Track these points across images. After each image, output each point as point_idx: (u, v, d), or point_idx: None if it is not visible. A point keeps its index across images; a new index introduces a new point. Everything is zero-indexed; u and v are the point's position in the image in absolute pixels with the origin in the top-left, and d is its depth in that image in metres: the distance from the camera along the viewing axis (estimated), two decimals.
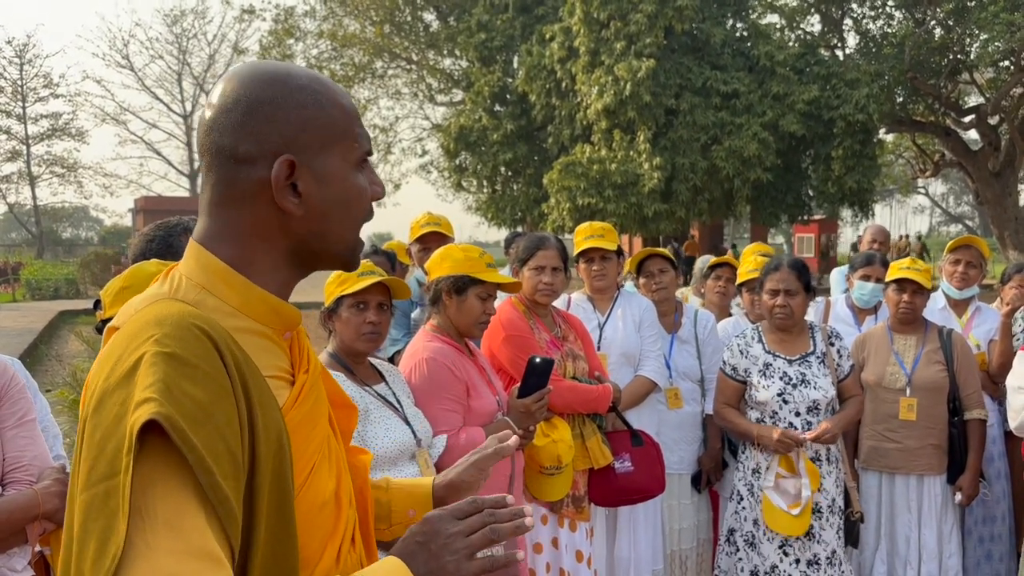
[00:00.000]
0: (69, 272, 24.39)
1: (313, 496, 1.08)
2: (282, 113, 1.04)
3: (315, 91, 1.07)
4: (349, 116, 1.10)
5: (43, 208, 44.98)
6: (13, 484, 1.89)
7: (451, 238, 4.08)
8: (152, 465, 0.86)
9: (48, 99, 41.23)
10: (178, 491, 0.86)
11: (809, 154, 19.95)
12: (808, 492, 3.26)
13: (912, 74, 19.17)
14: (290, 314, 1.12)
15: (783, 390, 3.37)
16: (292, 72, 1.08)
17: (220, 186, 1.06)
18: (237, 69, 1.08)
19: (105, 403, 0.90)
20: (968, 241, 4.24)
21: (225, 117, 1.04)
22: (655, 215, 18.47)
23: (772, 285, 3.43)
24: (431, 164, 28.88)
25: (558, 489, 3.06)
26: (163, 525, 0.84)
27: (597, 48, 18.76)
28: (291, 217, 1.06)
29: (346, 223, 1.10)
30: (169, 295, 1.04)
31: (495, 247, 32.14)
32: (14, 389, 1.97)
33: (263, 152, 1.03)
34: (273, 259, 1.09)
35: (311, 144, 1.05)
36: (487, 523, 1.10)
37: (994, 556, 3.89)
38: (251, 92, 1.04)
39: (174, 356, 0.91)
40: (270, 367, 1.07)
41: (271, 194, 1.04)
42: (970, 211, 55.79)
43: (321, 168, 1.06)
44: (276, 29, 26.97)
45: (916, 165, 25.34)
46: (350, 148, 1.10)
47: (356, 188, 1.11)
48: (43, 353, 12.05)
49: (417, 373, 2.70)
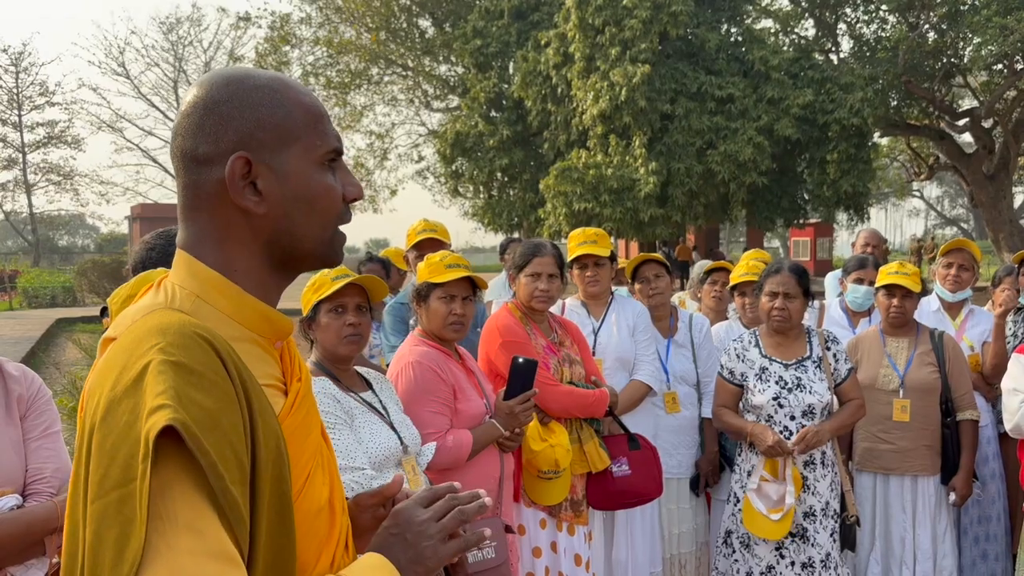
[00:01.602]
0: (66, 280, 24.36)
1: (309, 503, 1.09)
2: (237, 112, 1.05)
3: (273, 90, 1.07)
4: (311, 114, 1.10)
5: (39, 216, 44.90)
6: (34, 496, 1.89)
7: (448, 244, 4.11)
8: (168, 470, 0.87)
9: (44, 107, 41.22)
10: (194, 495, 0.87)
11: (804, 158, 20.02)
12: (791, 500, 3.27)
13: (906, 78, 19.24)
14: (282, 322, 1.13)
15: (778, 394, 3.39)
16: (251, 74, 1.09)
17: (189, 190, 1.07)
18: (202, 76, 1.10)
19: (113, 412, 0.91)
20: (960, 244, 4.27)
21: (186, 120, 1.06)
22: (651, 220, 18.50)
23: (772, 288, 3.44)
24: (427, 170, 28.91)
25: (556, 493, 3.08)
26: (183, 528, 0.85)
27: (592, 54, 18.82)
28: (254, 216, 1.06)
29: (312, 220, 1.09)
30: (166, 305, 1.05)
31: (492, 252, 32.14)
32: (41, 400, 1.98)
33: (220, 152, 1.04)
34: (250, 262, 1.09)
35: (268, 142, 1.06)
36: (453, 506, 1.15)
37: (989, 556, 3.91)
38: (208, 94, 1.06)
39: (180, 364, 0.92)
40: (264, 375, 1.08)
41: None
42: (965, 214, 55.94)
43: (280, 166, 1.06)
44: (272, 36, 26.98)
45: (911, 168, 25.44)
46: (311, 146, 1.09)
47: (321, 185, 1.10)
48: (41, 361, 12.05)
49: (404, 377, 2.74)
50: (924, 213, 64.31)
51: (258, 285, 1.10)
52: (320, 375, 2.43)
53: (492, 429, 2.82)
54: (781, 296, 3.41)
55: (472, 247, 56.44)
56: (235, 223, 1.07)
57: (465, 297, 2.85)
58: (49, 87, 41.33)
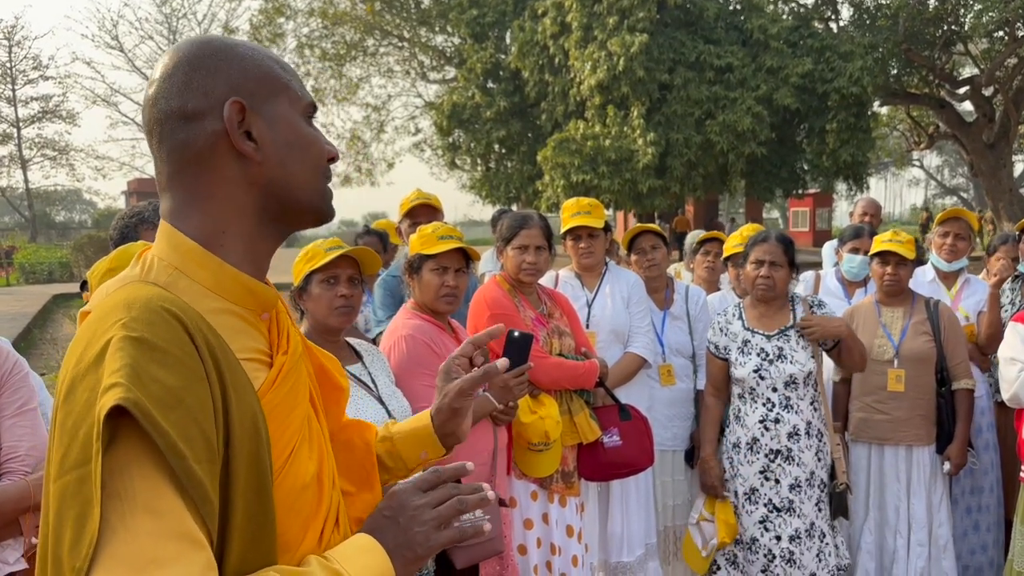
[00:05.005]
0: (63, 255, 24.32)
1: (293, 479, 1.07)
2: (224, 64, 1.06)
3: (251, 48, 1.10)
4: (287, 70, 1.12)
5: (35, 191, 44.70)
6: (8, 475, 1.87)
7: (440, 211, 4.06)
8: (125, 449, 0.85)
9: (38, 81, 40.90)
10: (153, 475, 0.86)
11: (803, 128, 19.87)
12: (715, 541, 3.45)
13: (906, 46, 19.07)
14: (265, 294, 1.10)
15: (759, 366, 3.39)
16: (225, 37, 1.11)
17: (175, 153, 1.05)
18: (173, 46, 1.10)
19: (75, 389, 0.90)
20: (956, 213, 4.25)
21: (167, 83, 1.05)
22: (650, 191, 18.41)
23: (758, 256, 3.42)
24: (424, 142, 28.69)
25: (547, 465, 3.08)
26: (141, 508, 0.84)
27: (590, 23, 18.62)
28: (251, 164, 1.06)
29: (306, 166, 1.10)
30: (140, 278, 1.03)
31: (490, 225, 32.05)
32: (16, 377, 1.95)
33: (212, 103, 1.04)
34: (242, 223, 1.08)
35: (257, 91, 1.07)
36: (453, 495, 1.13)
37: (981, 527, 3.93)
38: (190, 53, 1.06)
39: (142, 340, 0.90)
40: (246, 349, 1.06)
41: (227, 143, 1.04)
42: (965, 183, 55.73)
43: (270, 113, 1.08)
44: (266, 7, 26.68)
45: (910, 138, 25.27)
46: (295, 98, 1.11)
47: (309, 134, 1.12)
48: (37, 337, 12.05)
49: (396, 351, 2.72)
50: (924, 183, 64.09)
51: (248, 250, 1.08)
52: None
53: (486, 402, 2.80)
54: (767, 264, 3.40)
55: (470, 220, 56.24)
56: (229, 178, 1.06)
57: (458, 269, 2.82)
58: (43, 61, 40.96)
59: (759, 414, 3.40)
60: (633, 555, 3.59)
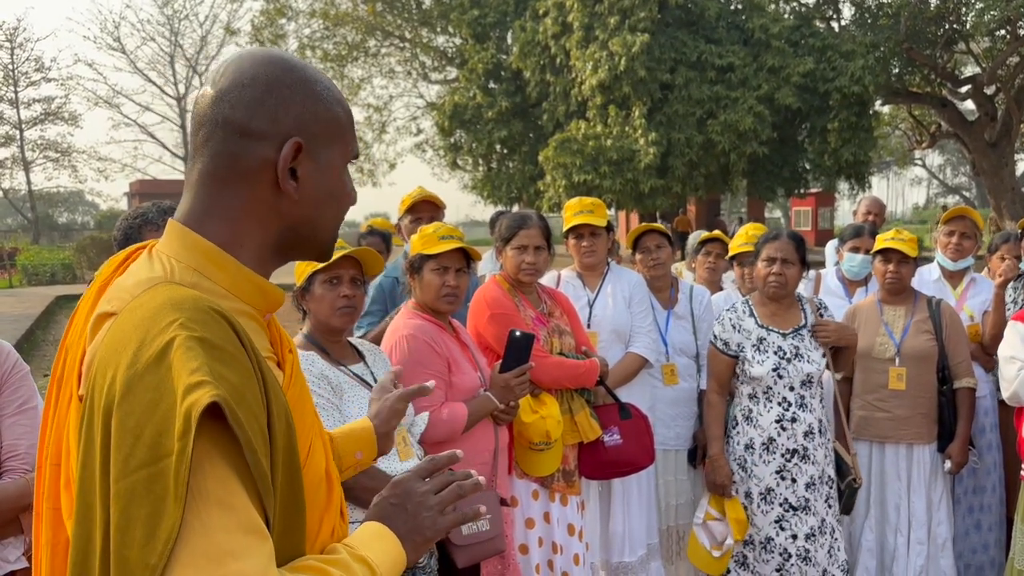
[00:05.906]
0: (65, 257, 24.30)
1: (312, 473, 1.11)
2: (299, 99, 1.07)
3: (327, 87, 1.11)
4: (350, 118, 1.15)
5: (38, 193, 44.78)
6: (8, 473, 1.88)
7: (442, 208, 4.06)
8: (199, 447, 0.87)
9: (40, 83, 40.99)
10: (224, 470, 0.88)
11: (805, 127, 19.89)
12: (731, 541, 3.39)
13: (908, 45, 19.05)
14: (275, 294, 1.13)
15: (778, 365, 3.37)
16: (308, 66, 1.13)
17: (219, 159, 1.06)
18: (253, 51, 1.11)
19: (134, 389, 0.89)
20: (961, 212, 4.22)
21: (240, 91, 1.05)
22: (651, 191, 18.43)
23: (769, 253, 3.41)
24: (426, 143, 28.71)
25: (548, 464, 3.08)
26: (215, 503, 0.87)
27: (591, 23, 18.63)
28: (286, 200, 1.08)
29: (335, 213, 1.14)
30: (167, 279, 1.03)
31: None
32: (16, 375, 1.96)
33: (275, 132, 1.05)
34: (261, 241, 1.09)
35: (319, 135, 1.09)
36: (450, 480, 1.20)
37: (983, 526, 3.92)
38: (271, 73, 1.07)
39: (204, 340, 0.91)
40: (261, 348, 1.08)
41: (272, 175, 1.06)
42: (967, 182, 55.65)
43: (323, 159, 1.10)
44: (268, 9, 26.71)
45: (912, 137, 25.23)
46: (347, 149, 1.14)
47: (347, 184, 1.15)
48: (40, 339, 12.07)
49: (398, 350, 2.73)
50: (926, 182, 64.09)
51: (258, 263, 1.10)
52: (309, 348, 2.42)
53: (487, 402, 2.82)
54: (779, 262, 3.38)
55: (471, 220, 56.30)
56: (263, 202, 1.07)
57: (459, 269, 2.83)
58: (45, 63, 41.04)
59: (775, 414, 3.38)
60: (635, 555, 3.59)
